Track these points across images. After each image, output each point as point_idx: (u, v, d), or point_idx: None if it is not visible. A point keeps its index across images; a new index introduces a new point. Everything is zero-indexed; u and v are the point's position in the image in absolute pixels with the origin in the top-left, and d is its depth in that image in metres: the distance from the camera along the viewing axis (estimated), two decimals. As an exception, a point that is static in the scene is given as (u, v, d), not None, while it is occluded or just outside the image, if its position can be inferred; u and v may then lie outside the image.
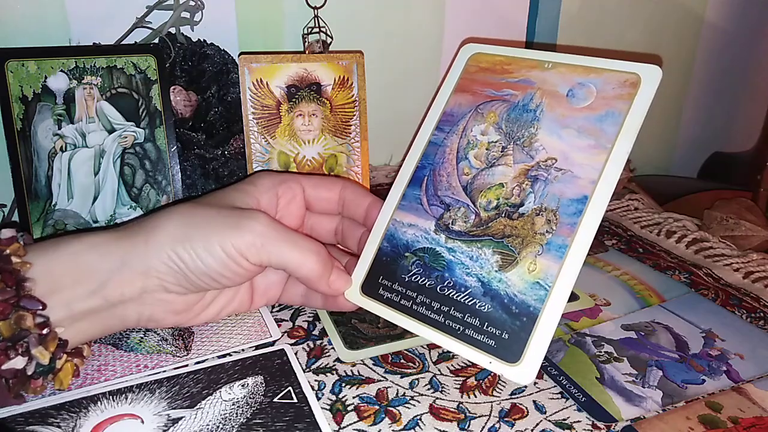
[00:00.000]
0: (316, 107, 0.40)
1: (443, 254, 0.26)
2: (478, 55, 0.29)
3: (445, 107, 0.29)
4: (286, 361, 0.29)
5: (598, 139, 0.24)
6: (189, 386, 0.27)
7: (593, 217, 0.23)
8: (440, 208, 0.27)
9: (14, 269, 0.24)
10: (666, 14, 0.66)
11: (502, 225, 0.25)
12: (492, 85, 0.28)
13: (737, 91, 0.76)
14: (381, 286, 0.27)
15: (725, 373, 0.29)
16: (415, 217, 0.27)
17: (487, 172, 0.26)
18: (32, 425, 0.25)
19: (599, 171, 0.24)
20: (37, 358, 0.24)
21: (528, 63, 0.28)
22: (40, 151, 0.37)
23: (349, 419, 0.26)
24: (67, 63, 0.37)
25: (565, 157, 0.25)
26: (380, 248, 0.28)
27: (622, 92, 0.25)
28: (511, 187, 0.25)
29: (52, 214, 0.37)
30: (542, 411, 0.27)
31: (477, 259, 0.25)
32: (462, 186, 0.27)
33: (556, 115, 0.26)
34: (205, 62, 0.42)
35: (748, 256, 0.42)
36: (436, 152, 0.28)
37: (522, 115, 0.26)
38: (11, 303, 0.23)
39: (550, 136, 0.25)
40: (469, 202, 0.26)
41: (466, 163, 0.27)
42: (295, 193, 0.30)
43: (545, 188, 0.24)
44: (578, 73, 0.26)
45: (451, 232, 0.26)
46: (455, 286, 0.25)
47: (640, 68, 0.25)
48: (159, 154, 0.39)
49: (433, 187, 0.27)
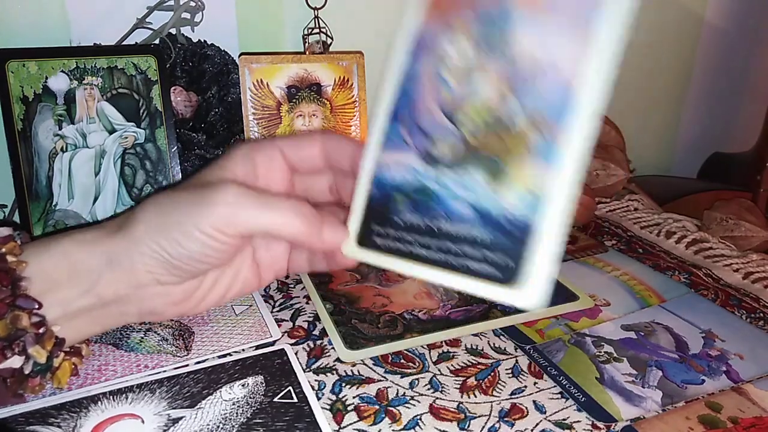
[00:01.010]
0: (316, 108, 0.40)
1: (433, 188, 0.24)
2: None
3: (416, 35, 0.26)
4: (286, 361, 0.29)
5: (577, 22, 0.21)
6: (189, 386, 0.27)
7: (584, 111, 0.21)
8: (424, 139, 0.25)
9: (10, 268, 0.24)
10: (666, 14, 0.66)
11: (489, 142, 0.23)
12: None
13: (737, 91, 0.76)
14: (377, 234, 0.25)
15: (725, 373, 0.29)
16: (399, 154, 0.25)
17: (466, 89, 0.24)
18: (33, 425, 0.25)
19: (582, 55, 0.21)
20: (34, 357, 0.24)
21: None
22: (41, 151, 0.37)
23: (349, 419, 0.26)
24: (67, 63, 0.37)
25: (543, 48, 0.22)
26: (370, 195, 0.26)
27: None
28: (492, 99, 0.23)
29: (52, 215, 0.37)
30: (542, 411, 0.27)
31: (467, 185, 0.23)
32: (443, 111, 0.24)
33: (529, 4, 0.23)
34: (206, 63, 0.43)
35: (748, 257, 0.42)
36: (411, 80, 0.26)
37: (492, 15, 0.24)
38: (7, 302, 0.23)
39: (525, 31, 0.23)
40: (451, 126, 0.24)
41: (442, 83, 0.25)
42: (272, 156, 0.28)
43: (528, 91, 0.22)
44: None
45: (438, 162, 0.24)
46: (448, 217, 0.23)
47: None
48: (159, 154, 0.39)
49: (412, 118, 0.25)
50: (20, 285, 0.24)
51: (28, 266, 0.24)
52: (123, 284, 0.26)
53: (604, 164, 0.51)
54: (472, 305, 0.34)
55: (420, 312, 0.33)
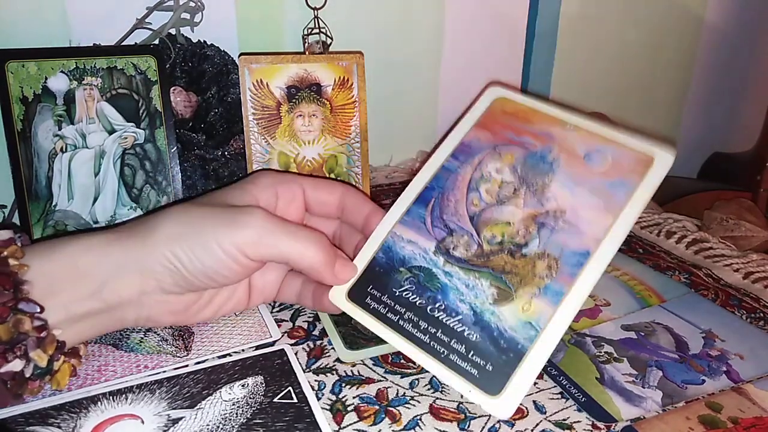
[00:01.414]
0: (316, 108, 0.40)
1: (439, 276, 0.26)
2: (503, 99, 0.30)
3: (463, 138, 0.29)
4: (286, 362, 0.29)
5: (608, 202, 0.25)
6: (189, 386, 0.27)
7: (593, 273, 0.24)
8: (443, 231, 0.27)
9: (11, 272, 0.24)
10: (666, 14, 0.66)
11: (503, 261, 0.25)
12: (513, 129, 0.29)
13: (737, 91, 0.76)
14: (369, 296, 0.27)
15: (725, 373, 0.29)
16: (415, 235, 0.27)
17: (496, 209, 0.27)
18: (32, 425, 0.25)
19: (605, 231, 0.24)
20: (35, 361, 0.24)
21: (550, 119, 0.29)
22: (41, 152, 0.37)
23: (349, 419, 0.26)
24: (67, 64, 0.37)
25: (574, 212, 0.25)
26: (375, 257, 0.28)
27: (636, 167, 0.26)
28: (517, 228, 0.26)
29: (52, 215, 0.37)
30: (542, 411, 0.27)
31: (473, 288, 0.25)
32: (469, 215, 0.27)
33: (571, 171, 0.27)
34: (205, 63, 0.43)
35: (748, 257, 0.42)
36: (447, 177, 0.28)
37: (538, 163, 0.27)
38: (9, 306, 0.23)
39: (563, 189, 0.26)
40: (473, 231, 0.26)
41: (476, 194, 0.27)
42: (294, 193, 0.30)
43: (551, 236, 0.25)
44: (597, 140, 0.27)
45: (451, 257, 0.26)
46: (446, 309, 0.25)
47: (655, 151, 0.26)
48: (159, 154, 0.39)
49: (439, 209, 0.28)
50: (22, 288, 0.24)
51: (31, 269, 0.24)
52: (128, 289, 0.26)
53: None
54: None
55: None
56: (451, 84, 0.58)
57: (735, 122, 0.78)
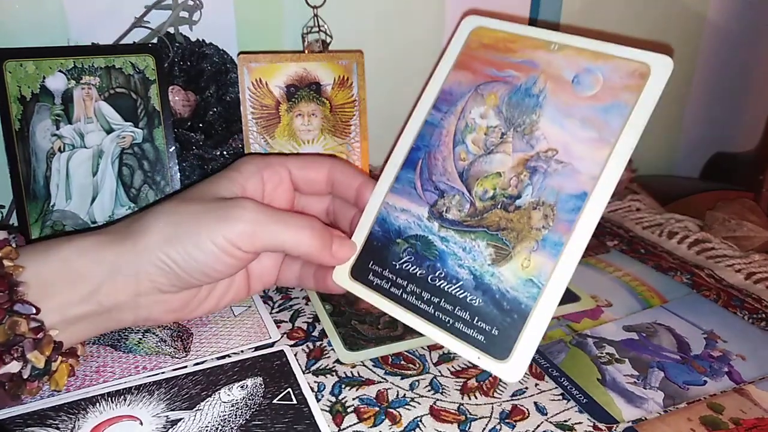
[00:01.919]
0: (315, 107, 0.40)
1: (436, 243, 0.25)
2: (480, 29, 0.28)
3: (443, 85, 0.28)
4: (285, 363, 0.29)
5: (602, 132, 0.23)
6: (188, 388, 0.27)
7: (592, 215, 0.22)
8: (434, 194, 0.26)
9: (6, 273, 0.24)
10: (668, 14, 0.66)
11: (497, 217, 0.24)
12: (494, 64, 0.26)
13: (739, 91, 0.76)
14: (371, 272, 0.26)
15: (727, 374, 0.29)
16: (408, 202, 0.26)
17: (485, 159, 0.25)
18: (31, 427, 0.25)
19: (601, 166, 0.23)
20: (33, 363, 0.24)
21: (533, 42, 0.26)
22: (39, 151, 0.37)
23: (349, 421, 0.26)
24: (65, 63, 0.37)
25: (566, 149, 0.24)
26: (371, 232, 0.27)
27: (630, 83, 0.23)
28: (508, 177, 0.24)
29: (50, 215, 0.37)
30: (543, 412, 0.26)
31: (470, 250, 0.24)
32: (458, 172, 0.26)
33: (560, 102, 0.24)
34: (204, 62, 0.42)
35: (750, 257, 0.41)
36: (432, 133, 0.27)
37: (524, 99, 0.25)
38: (4, 308, 0.23)
39: (552, 125, 0.24)
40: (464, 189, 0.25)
41: (463, 147, 0.26)
42: (281, 176, 0.29)
43: (544, 181, 0.24)
44: (585, 57, 0.25)
45: (445, 221, 0.25)
46: (446, 277, 0.24)
47: (650, 57, 0.23)
48: (157, 154, 0.39)
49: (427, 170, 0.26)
50: (17, 290, 0.24)
51: (26, 271, 0.24)
52: (123, 292, 0.25)
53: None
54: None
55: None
56: (451, 83, 0.58)
57: (737, 122, 0.77)
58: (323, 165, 0.29)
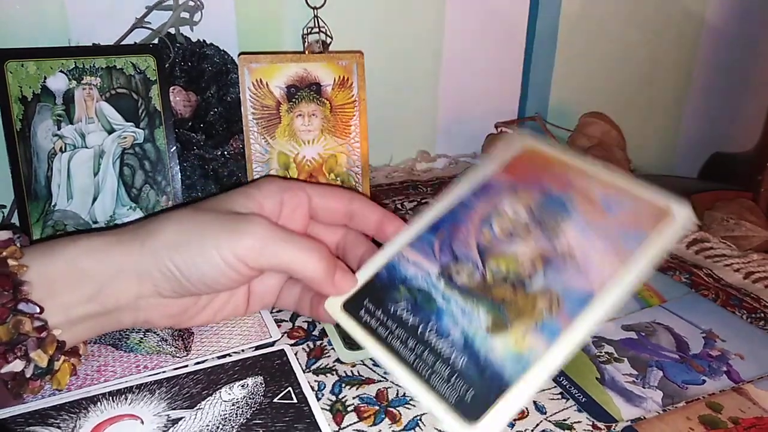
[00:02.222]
0: (315, 107, 0.40)
1: (437, 299, 0.26)
2: (531, 146, 0.31)
3: (484, 179, 0.30)
4: (285, 362, 0.29)
5: (618, 249, 0.25)
6: (189, 387, 0.27)
7: (594, 316, 0.24)
8: (449, 257, 0.27)
9: (11, 272, 0.24)
10: (666, 15, 0.66)
11: (504, 292, 0.25)
12: (536, 174, 0.29)
13: (737, 91, 0.76)
14: (363, 308, 0.27)
15: (725, 373, 0.29)
16: (421, 258, 0.28)
17: (506, 243, 0.27)
18: (32, 426, 0.25)
19: (611, 276, 0.24)
20: (36, 362, 0.24)
21: (574, 167, 0.29)
22: (40, 151, 0.37)
23: (349, 420, 0.26)
24: (66, 63, 0.37)
25: (583, 254, 0.26)
26: (377, 273, 0.28)
27: (652, 219, 0.26)
28: (524, 263, 0.26)
29: (51, 215, 0.37)
30: (542, 411, 0.27)
31: (468, 314, 0.25)
32: (477, 246, 0.27)
33: (587, 216, 0.27)
34: (205, 62, 0.42)
35: (749, 257, 0.42)
36: (463, 212, 0.29)
37: (555, 206, 0.28)
38: (8, 307, 0.23)
39: (575, 232, 0.26)
40: (479, 261, 0.26)
41: (488, 228, 0.28)
42: (300, 200, 0.29)
43: (556, 274, 0.25)
44: (617, 189, 0.28)
45: (452, 282, 0.26)
46: (438, 332, 0.25)
47: (674, 205, 0.26)
48: (158, 154, 0.39)
49: (449, 237, 0.28)
50: (22, 289, 0.24)
51: (30, 270, 0.24)
52: (125, 293, 0.26)
53: (604, 164, 0.51)
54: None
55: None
56: (451, 84, 0.58)
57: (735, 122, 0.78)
58: (344, 196, 0.30)
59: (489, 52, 0.59)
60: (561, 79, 0.63)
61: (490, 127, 0.58)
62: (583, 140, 0.56)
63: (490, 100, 0.61)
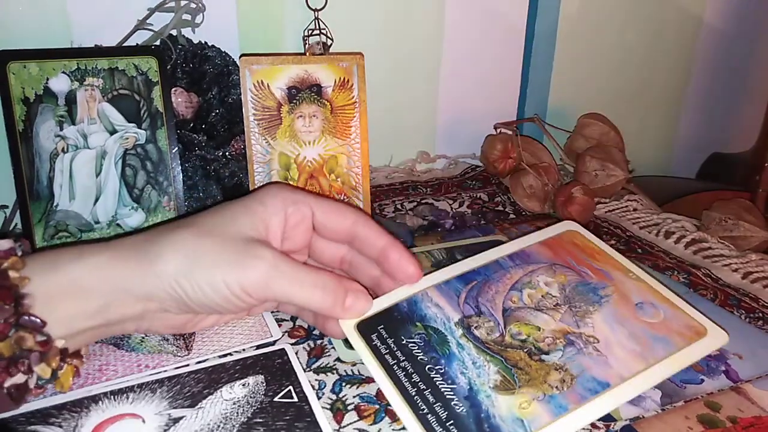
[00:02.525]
0: (316, 108, 0.40)
1: (451, 344, 0.26)
2: (575, 233, 0.32)
3: (525, 247, 0.31)
4: (286, 361, 0.29)
5: (644, 351, 0.25)
6: (190, 386, 0.27)
7: (605, 404, 0.24)
8: (472, 309, 0.28)
9: (12, 284, 0.23)
10: (665, 15, 0.66)
11: (519, 356, 0.25)
12: (575, 258, 0.30)
13: (736, 92, 0.76)
14: (376, 333, 0.27)
15: (724, 372, 0.30)
16: (445, 302, 0.28)
17: (532, 312, 0.27)
18: (33, 425, 0.25)
19: (631, 373, 0.25)
20: (39, 374, 0.24)
21: (615, 263, 0.30)
22: (42, 152, 0.37)
23: (349, 418, 0.26)
24: (68, 64, 0.37)
25: (607, 344, 0.26)
26: (398, 304, 0.28)
27: (685, 332, 0.26)
28: (545, 335, 0.26)
29: (53, 215, 0.37)
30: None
31: (479, 367, 0.25)
32: (503, 308, 0.28)
33: (618, 312, 0.27)
34: (206, 64, 0.43)
35: (747, 257, 0.42)
36: (497, 271, 0.30)
37: (589, 293, 0.28)
38: (10, 322, 0.23)
39: (604, 323, 0.27)
40: (501, 321, 0.27)
41: (518, 294, 0.28)
42: (304, 215, 0.29)
43: (576, 354, 0.25)
44: (655, 296, 0.28)
45: (470, 333, 0.27)
46: (444, 374, 0.25)
47: (711, 325, 0.26)
48: (160, 155, 0.39)
49: (477, 291, 0.29)
50: (23, 303, 0.23)
51: (32, 282, 0.24)
52: (131, 309, 0.26)
53: (603, 164, 0.51)
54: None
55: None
56: (451, 84, 0.59)
57: (734, 123, 0.78)
58: (347, 218, 0.29)
59: (488, 53, 0.59)
60: (560, 81, 0.63)
61: (490, 128, 0.58)
62: (581, 141, 0.56)
63: (490, 102, 0.61)
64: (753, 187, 0.63)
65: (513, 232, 0.45)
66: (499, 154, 0.54)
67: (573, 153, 0.56)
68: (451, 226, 0.47)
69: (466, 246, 0.42)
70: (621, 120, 0.57)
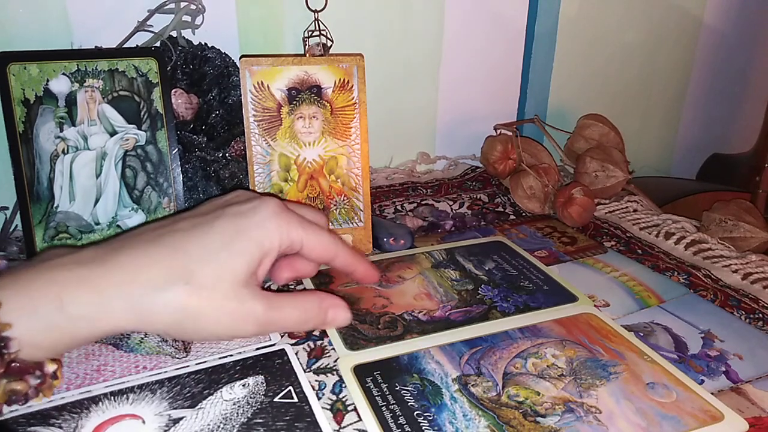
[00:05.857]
0: (316, 110, 0.40)
1: (444, 396, 0.26)
2: (592, 315, 0.33)
3: (538, 323, 0.32)
4: (286, 361, 0.29)
5: (651, 427, 0.25)
6: (190, 386, 0.27)
7: None
8: (473, 370, 0.28)
9: None
10: (665, 15, 0.67)
11: (513, 415, 0.25)
12: (589, 337, 0.31)
13: (736, 92, 0.76)
14: (372, 378, 0.28)
15: (724, 373, 0.30)
16: (446, 360, 0.29)
17: (533, 378, 0.27)
18: (33, 426, 0.25)
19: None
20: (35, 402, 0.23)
21: (630, 345, 0.30)
22: (42, 153, 0.37)
23: (349, 419, 0.26)
24: (69, 66, 0.37)
25: (609, 417, 0.25)
26: (399, 357, 0.29)
27: (699, 415, 0.26)
28: (544, 400, 0.26)
29: (54, 216, 0.37)
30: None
31: (469, 420, 0.25)
32: (504, 371, 0.28)
33: (627, 388, 0.27)
34: (206, 65, 0.43)
35: (747, 258, 0.42)
36: (505, 340, 0.31)
37: (597, 369, 0.28)
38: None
39: (610, 396, 0.26)
40: (500, 383, 0.27)
41: (521, 361, 0.29)
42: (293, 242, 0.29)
43: (574, 421, 0.25)
44: (668, 378, 0.28)
45: (466, 389, 0.27)
46: (432, 423, 0.25)
47: (729, 412, 0.26)
48: (160, 156, 0.39)
49: (480, 355, 0.29)
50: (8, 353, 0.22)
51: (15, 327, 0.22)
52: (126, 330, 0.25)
53: (603, 165, 0.51)
54: (471, 306, 0.34)
55: (420, 313, 0.34)
56: (451, 85, 0.59)
57: (734, 123, 0.78)
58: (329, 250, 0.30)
59: (488, 54, 0.59)
60: (560, 81, 0.63)
61: (490, 129, 0.58)
62: (581, 142, 0.56)
63: (490, 102, 0.61)
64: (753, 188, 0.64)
65: (513, 233, 0.45)
66: (499, 155, 0.54)
67: (573, 154, 0.56)
68: (452, 227, 0.47)
69: (467, 247, 0.42)
70: (621, 121, 0.57)
